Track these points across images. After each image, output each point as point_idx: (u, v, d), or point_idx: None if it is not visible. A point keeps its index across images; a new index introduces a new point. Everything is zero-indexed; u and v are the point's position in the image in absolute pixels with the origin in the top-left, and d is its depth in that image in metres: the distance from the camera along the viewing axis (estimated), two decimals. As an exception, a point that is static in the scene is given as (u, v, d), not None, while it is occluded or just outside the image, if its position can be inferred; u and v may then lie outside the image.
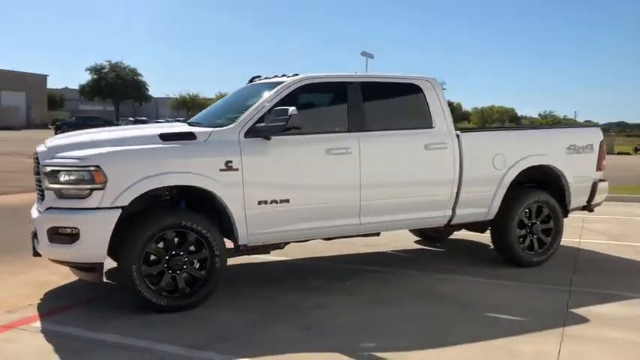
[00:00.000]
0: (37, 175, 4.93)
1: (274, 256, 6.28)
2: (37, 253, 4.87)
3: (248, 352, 3.99)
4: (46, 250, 4.68)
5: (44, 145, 4.93)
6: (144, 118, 56.21)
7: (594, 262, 6.79)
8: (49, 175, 4.59)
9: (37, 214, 4.80)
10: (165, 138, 4.85)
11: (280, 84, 5.39)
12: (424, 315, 4.83)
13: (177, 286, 4.80)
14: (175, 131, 5.02)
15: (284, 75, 5.67)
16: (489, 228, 6.48)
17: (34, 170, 5.05)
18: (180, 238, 4.82)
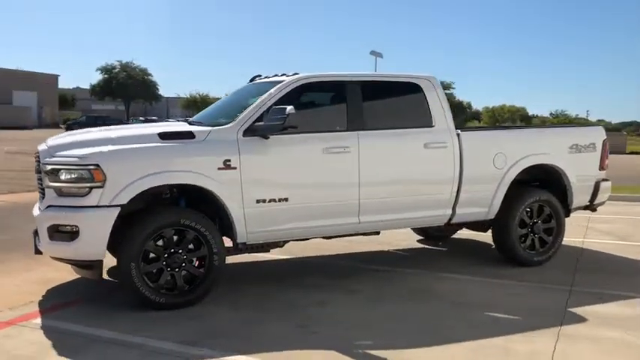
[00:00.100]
0: (39, 174, 4.99)
1: (276, 255, 6.31)
2: (38, 250, 4.93)
3: (242, 348, 4.02)
4: (47, 248, 4.74)
5: (45, 144, 4.99)
6: (154, 117, 56.42)
7: (598, 261, 6.75)
8: (49, 174, 4.64)
9: (38, 212, 4.86)
10: (164, 137, 4.89)
11: (279, 83, 5.41)
12: (422, 313, 4.83)
13: (176, 284, 4.84)
14: (174, 130, 5.06)
15: (283, 74, 5.69)
16: (491, 227, 6.45)
17: (35, 169, 5.12)
18: (179, 236, 4.86)
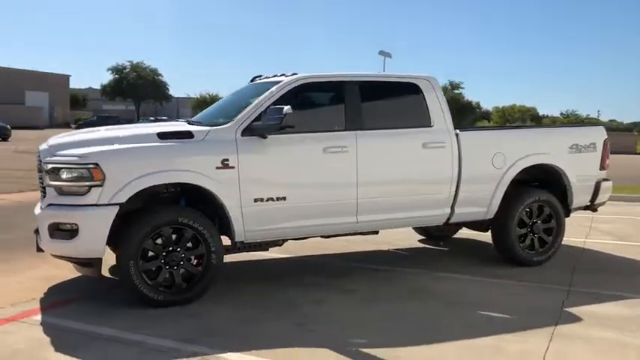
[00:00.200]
0: (40, 173, 5.06)
1: (275, 253, 6.35)
2: (39, 248, 5.01)
3: (239, 346, 4.06)
4: (48, 246, 4.81)
5: (46, 144, 5.07)
6: (164, 117, 56.68)
7: (598, 261, 6.74)
8: (49, 173, 4.72)
9: (39, 210, 4.94)
10: (163, 137, 4.95)
11: (278, 83, 5.46)
12: (418, 313, 4.86)
13: (174, 282, 4.90)
14: (173, 130, 5.12)
15: (283, 74, 5.73)
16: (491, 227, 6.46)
17: (37, 168, 5.19)
18: (178, 234, 4.91)
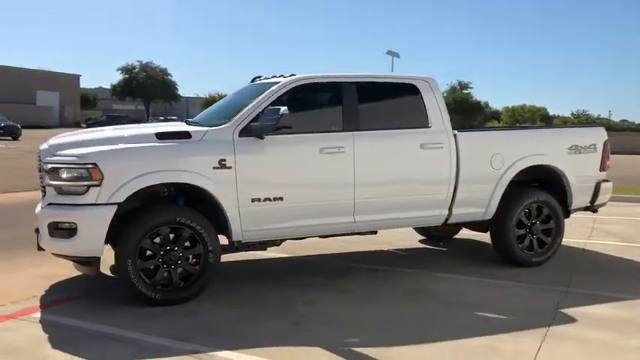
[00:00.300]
0: (41, 172, 5.13)
1: (272, 253, 6.39)
2: (40, 247, 5.08)
3: (235, 345, 4.10)
4: (47, 244, 4.89)
5: (46, 144, 5.14)
6: (174, 117, 56.96)
7: (598, 262, 6.73)
8: (49, 172, 4.79)
9: (39, 209, 5.01)
10: (161, 137, 5.01)
11: (276, 84, 5.50)
12: (414, 313, 4.88)
13: (172, 281, 4.95)
14: (171, 130, 5.18)
15: (281, 75, 5.77)
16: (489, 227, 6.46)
17: (37, 167, 5.27)
18: (175, 233, 4.96)
